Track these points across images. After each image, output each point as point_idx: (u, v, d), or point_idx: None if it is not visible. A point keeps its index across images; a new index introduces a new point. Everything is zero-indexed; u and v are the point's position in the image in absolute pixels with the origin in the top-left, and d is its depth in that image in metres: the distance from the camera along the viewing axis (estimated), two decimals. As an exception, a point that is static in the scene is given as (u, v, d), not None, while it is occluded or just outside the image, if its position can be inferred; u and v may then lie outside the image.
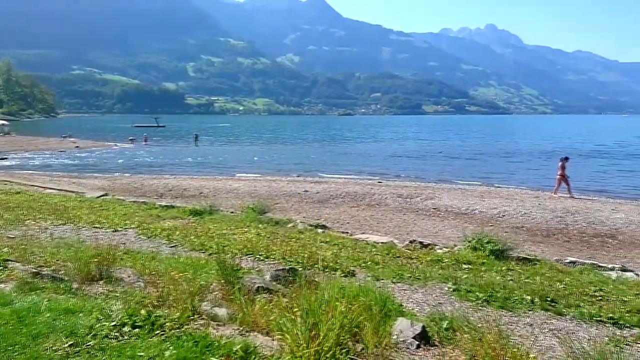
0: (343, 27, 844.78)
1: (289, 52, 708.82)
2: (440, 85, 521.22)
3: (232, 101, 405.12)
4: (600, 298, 5.68)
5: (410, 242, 9.01)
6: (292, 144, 59.42)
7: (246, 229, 9.35)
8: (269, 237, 8.54)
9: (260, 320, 3.67)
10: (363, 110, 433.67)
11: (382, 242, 8.94)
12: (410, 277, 6.28)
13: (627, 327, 4.75)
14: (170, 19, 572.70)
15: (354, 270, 6.43)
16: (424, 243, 8.90)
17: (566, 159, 20.59)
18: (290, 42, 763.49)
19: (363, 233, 10.65)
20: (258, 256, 7.08)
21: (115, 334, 3.44)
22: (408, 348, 3.58)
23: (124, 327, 3.53)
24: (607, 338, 4.39)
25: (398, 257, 7.63)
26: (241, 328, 3.64)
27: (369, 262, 7.02)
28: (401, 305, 4.99)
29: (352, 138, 75.13)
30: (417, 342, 3.65)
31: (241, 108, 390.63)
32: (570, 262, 7.84)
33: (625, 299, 5.60)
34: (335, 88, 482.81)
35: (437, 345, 3.71)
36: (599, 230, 12.84)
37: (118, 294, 4.52)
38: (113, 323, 3.55)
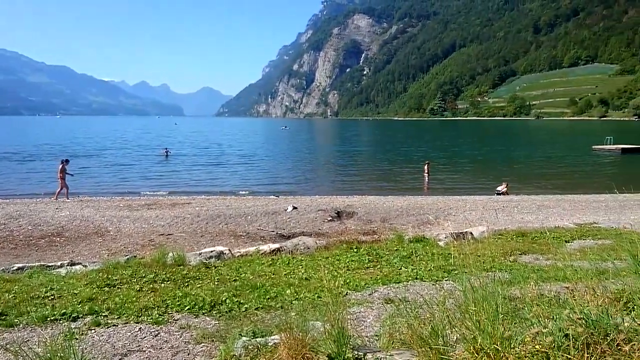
0: None
1: None
2: None
3: None
4: (52, 297, 5.63)
5: None
6: None
7: None
8: None
9: None
10: None
11: None
12: None
13: (80, 317, 4.91)
14: None
15: None
16: None
17: (67, 161, 20.36)
18: None
19: None
20: None
21: None
22: None
23: None
24: (62, 334, 4.38)
25: None
26: None
27: None
28: None
29: None
30: None
31: None
32: (18, 268, 7.41)
33: (76, 292, 5.79)
34: None
35: None
36: (45, 231, 12.78)
37: None
38: None
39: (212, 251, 8.10)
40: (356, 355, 3.02)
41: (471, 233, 9.77)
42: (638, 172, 34.13)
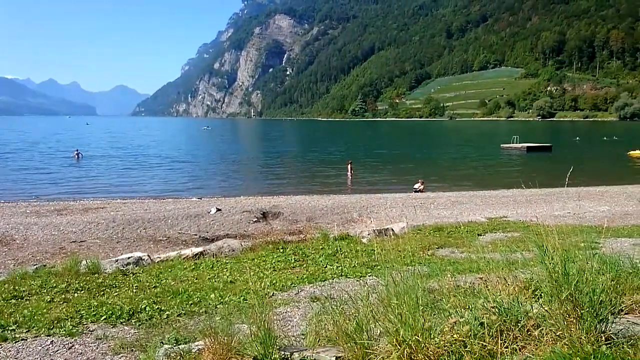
0: None
1: None
2: None
3: None
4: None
5: None
6: None
7: None
8: None
9: None
10: None
11: None
12: None
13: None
14: None
15: None
16: None
17: None
18: None
19: None
20: None
21: None
22: None
23: None
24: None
25: None
26: None
27: None
28: None
29: None
30: None
31: None
32: None
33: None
34: None
35: None
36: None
37: None
38: None
39: (129, 257, 7.74)
40: (283, 356, 3.01)
41: (392, 229, 10.09)
42: (542, 168, 36.91)
